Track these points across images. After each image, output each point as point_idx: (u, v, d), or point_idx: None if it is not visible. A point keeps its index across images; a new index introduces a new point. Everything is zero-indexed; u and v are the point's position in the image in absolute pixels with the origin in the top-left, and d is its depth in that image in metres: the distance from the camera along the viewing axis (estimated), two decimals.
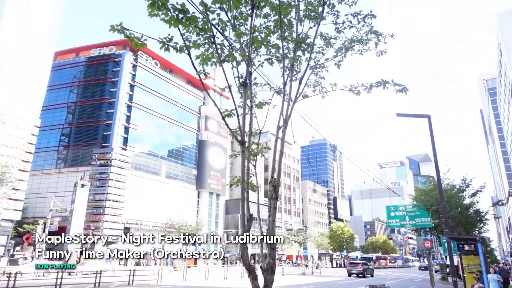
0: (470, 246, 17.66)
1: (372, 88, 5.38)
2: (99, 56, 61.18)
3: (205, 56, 5.05)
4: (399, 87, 5.32)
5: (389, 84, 5.33)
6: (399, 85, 5.33)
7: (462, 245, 17.77)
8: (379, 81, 5.40)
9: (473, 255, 18.59)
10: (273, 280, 5.31)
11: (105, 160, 52.55)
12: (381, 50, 5.62)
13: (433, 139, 22.85)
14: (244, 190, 5.34)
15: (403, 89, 5.31)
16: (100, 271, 22.47)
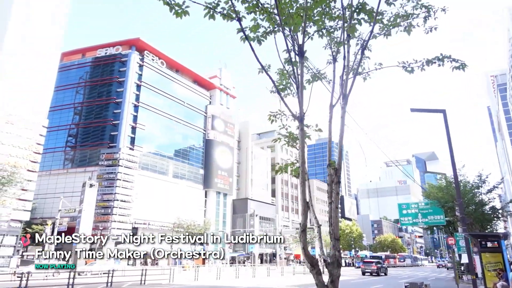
0: (493, 243, 17.13)
1: (428, 64, 4.96)
2: (105, 56, 61.12)
3: (256, 24, 4.57)
4: (457, 64, 4.91)
5: (447, 59, 4.91)
6: (457, 61, 4.92)
7: (484, 242, 17.23)
8: (436, 57, 4.98)
9: (493, 252, 18.09)
10: (339, 274, 4.89)
11: (113, 160, 52.45)
12: (431, 26, 5.22)
13: (449, 135, 22.34)
14: (304, 173, 4.91)
15: (462, 65, 4.90)
16: (113, 270, 22.21)
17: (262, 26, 4.63)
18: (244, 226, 67.45)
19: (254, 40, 4.63)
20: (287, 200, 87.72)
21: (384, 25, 5.21)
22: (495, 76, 76.95)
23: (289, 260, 69.29)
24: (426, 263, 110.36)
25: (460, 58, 5.01)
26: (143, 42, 60.63)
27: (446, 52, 5.20)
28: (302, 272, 41.00)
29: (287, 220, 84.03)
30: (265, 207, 76.10)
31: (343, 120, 4.87)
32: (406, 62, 5.17)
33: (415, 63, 5.12)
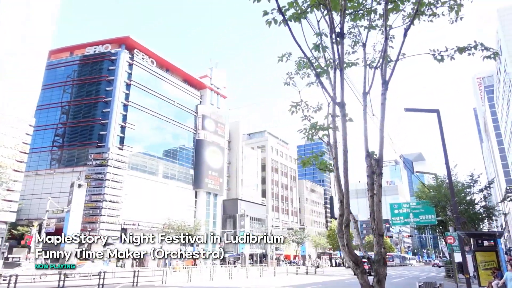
0: (490, 242, 17.22)
1: (460, 52, 4.77)
2: (94, 54, 60.09)
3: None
4: (488, 53, 4.75)
5: (479, 47, 4.73)
6: (489, 50, 4.75)
7: (480, 241, 17.32)
8: (469, 44, 4.80)
9: (489, 251, 18.19)
10: (386, 273, 4.63)
11: (102, 160, 51.57)
12: (457, 16, 5.05)
13: (442, 134, 22.42)
14: (346, 163, 4.64)
15: (495, 53, 4.73)
16: (104, 272, 21.66)
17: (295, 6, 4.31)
18: (235, 226, 67.12)
19: (291, 19, 4.34)
20: (277, 200, 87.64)
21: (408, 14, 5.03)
22: (482, 78, 78.30)
23: (279, 261, 69.20)
24: (414, 263, 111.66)
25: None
26: (133, 40, 59.81)
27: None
28: (295, 272, 40.92)
29: (277, 221, 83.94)
30: (255, 208, 75.86)
31: (384, 107, 4.65)
32: (437, 50, 5.00)
33: (445, 51, 4.94)
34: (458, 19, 5.08)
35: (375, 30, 5.33)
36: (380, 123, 4.62)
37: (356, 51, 5.67)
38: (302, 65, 5.54)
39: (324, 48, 4.73)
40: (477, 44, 4.82)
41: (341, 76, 4.59)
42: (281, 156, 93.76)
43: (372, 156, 4.68)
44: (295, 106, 5.45)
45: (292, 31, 4.18)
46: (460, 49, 4.88)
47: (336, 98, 4.70)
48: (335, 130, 4.90)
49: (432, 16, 5.14)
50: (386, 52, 4.88)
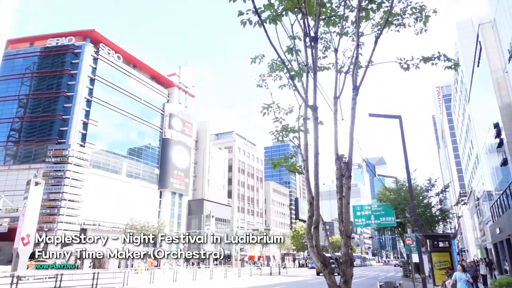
0: (444, 243, 18.14)
1: (425, 62, 4.99)
2: (56, 46, 57.45)
3: (270, 2, 4.23)
4: (450, 63, 5.01)
5: (442, 58, 4.98)
6: (450, 60, 5.01)
7: (436, 242, 18.20)
8: (433, 54, 5.04)
9: (443, 252, 19.18)
10: (352, 274, 4.69)
11: (61, 157, 49.41)
12: (422, 28, 5.30)
13: (403, 140, 23.37)
14: (317, 165, 4.67)
15: (455, 65, 5.00)
16: (61, 274, 20.71)
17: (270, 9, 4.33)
18: (200, 227, 66.44)
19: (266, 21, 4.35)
20: (243, 201, 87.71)
21: (375, 24, 5.21)
22: (441, 88, 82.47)
23: (243, 261, 69.26)
24: (374, 263, 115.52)
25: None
26: (98, 34, 57.79)
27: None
28: (259, 273, 41.10)
29: (243, 222, 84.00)
30: (221, 208, 75.49)
31: (354, 111, 4.76)
32: (403, 59, 5.21)
33: (411, 60, 5.16)
34: (423, 31, 5.34)
35: (347, 36, 5.49)
36: (350, 127, 4.75)
37: (327, 56, 5.81)
38: (275, 67, 5.59)
39: (297, 51, 4.81)
40: (440, 55, 5.10)
41: (314, 79, 4.68)
42: (248, 157, 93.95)
43: (341, 159, 4.80)
44: (267, 107, 5.48)
45: (267, 33, 4.21)
46: (425, 59, 5.13)
47: (308, 101, 4.79)
48: (306, 133, 4.98)
49: (400, 26, 5.37)
50: (357, 58, 5.04)
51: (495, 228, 32.03)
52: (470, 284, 12.40)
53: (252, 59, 5.07)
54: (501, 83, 27.38)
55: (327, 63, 5.74)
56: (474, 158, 43.75)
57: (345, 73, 5.40)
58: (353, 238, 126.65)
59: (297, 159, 5.36)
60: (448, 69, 5.14)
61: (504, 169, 26.95)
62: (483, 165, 37.67)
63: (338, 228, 37.94)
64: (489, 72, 28.74)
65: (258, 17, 4.24)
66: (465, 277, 12.04)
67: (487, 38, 29.57)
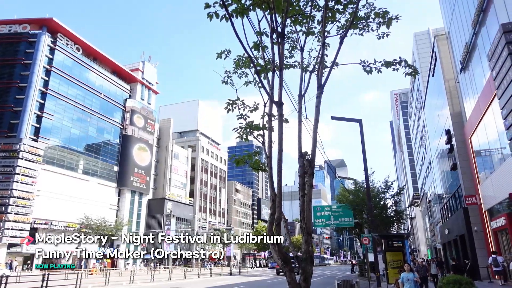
0: (398, 242, 18.94)
1: (387, 66, 5.13)
2: (8, 34, 53.89)
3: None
4: (410, 70, 5.18)
5: (403, 64, 5.14)
6: (411, 67, 5.18)
7: (390, 242, 18.96)
8: (394, 59, 5.19)
9: (397, 251, 20.03)
10: (312, 271, 4.66)
11: (11, 152, 46.43)
12: (384, 32, 5.45)
13: (363, 142, 24.21)
14: (280, 162, 4.60)
15: (414, 71, 5.18)
16: (6, 277, 19.41)
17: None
18: (160, 227, 65.04)
19: (233, 15, 4.24)
20: (205, 201, 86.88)
21: (340, 27, 5.31)
22: (399, 94, 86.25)
23: (204, 262, 68.57)
24: (332, 263, 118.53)
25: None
26: (56, 23, 54.92)
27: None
28: (219, 273, 40.85)
29: (204, 221, 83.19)
30: (182, 208, 74.33)
31: (318, 109, 4.79)
32: (366, 62, 5.32)
33: (374, 63, 5.29)
34: (385, 35, 5.51)
35: (313, 36, 5.55)
36: (314, 125, 4.80)
37: (293, 56, 5.84)
38: (241, 64, 5.54)
39: (264, 47, 4.78)
40: (401, 60, 5.29)
41: (280, 76, 4.68)
42: (211, 157, 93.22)
43: (305, 157, 4.82)
44: (231, 104, 5.41)
45: (234, 27, 4.15)
46: (387, 63, 5.30)
47: (273, 97, 4.77)
48: (271, 130, 4.96)
49: (363, 30, 5.51)
50: (323, 57, 5.11)
51: (444, 229, 33.94)
52: (418, 284, 11.76)
53: (218, 54, 4.99)
54: (453, 92, 29.08)
55: (293, 61, 5.78)
56: (427, 162, 46.19)
57: (310, 72, 5.46)
58: (313, 238, 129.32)
59: (261, 158, 5.33)
60: (408, 76, 5.34)
61: (454, 173, 28.63)
62: (435, 169, 39.85)
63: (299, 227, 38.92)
64: (442, 81, 30.43)
65: (225, 10, 4.15)
66: (413, 277, 11.38)
67: (442, 49, 31.30)
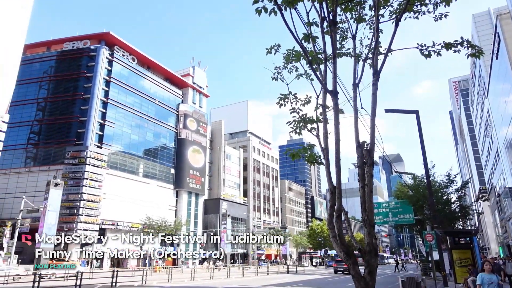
0: (466, 239, 17.70)
1: (447, 49, 4.83)
2: (72, 50, 58.58)
3: None
4: (473, 51, 4.82)
5: (465, 44, 4.79)
6: (474, 47, 4.83)
7: (457, 239, 17.77)
8: (455, 40, 4.87)
9: (465, 248, 18.69)
10: (377, 264, 4.59)
11: (79, 159, 50.33)
12: (442, 13, 5.13)
13: (421, 135, 22.92)
14: (338, 152, 4.58)
15: (478, 51, 4.83)
16: (81, 273, 21.11)
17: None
18: (216, 226, 66.78)
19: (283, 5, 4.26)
20: (258, 200, 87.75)
21: (395, 10, 5.07)
22: (458, 82, 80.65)
23: (260, 260, 69.29)
24: (392, 261, 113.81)
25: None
26: (113, 36, 58.65)
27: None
28: (276, 271, 41.03)
29: (258, 220, 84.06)
30: (237, 207, 75.71)
31: (375, 97, 4.65)
32: (424, 45, 5.05)
33: (432, 46, 5.00)
34: (443, 16, 5.16)
35: (364, 22, 5.37)
36: (371, 113, 4.64)
37: (344, 46, 5.70)
38: (291, 58, 5.51)
39: (314, 38, 4.72)
40: (463, 40, 4.91)
41: (334, 64, 4.58)
42: (263, 156, 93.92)
43: (363, 146, 4.69)
44: (283, 98, 5.40)
45: (285, 18, 4.14)
46: (447, 45, 4.96)
47: (327, 87, 4.69)
48: (326, 121, 4.88)
49: (418, 13, 5.21)
50: (377, 42, 4.91)
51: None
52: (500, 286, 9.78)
53: (268, 50, 5.00)
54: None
55: (344, 50, 5.63)
56: (494, 153, 42.61)
57: (364, 60, 5.28)
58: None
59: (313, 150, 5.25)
60: (471, 57, 4.95)
61: None
62: (504, 161, 36.63)
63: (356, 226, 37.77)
64: (508, 64, 27.92)
65: (274, 3, 4.16)
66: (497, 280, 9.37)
67: (506, 29, 28.73)
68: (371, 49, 5.09)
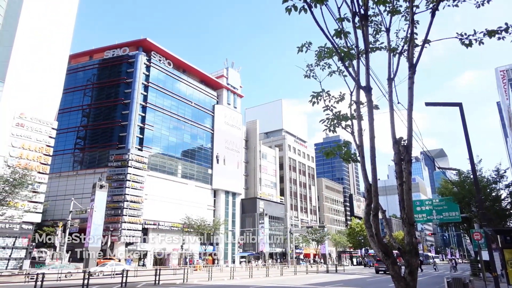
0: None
1: (490, 36, 4.54)
2: (112, 58, 61.20)
3: None
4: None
5: (510, 30, 4.48)
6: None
7: (509, 237, 16.67)
8: (499, 27, 4.57)
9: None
10: (418, 264, 4.46)
11: (122, 161, 52.46)
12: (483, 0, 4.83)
13: (465, 128, 21.69)
14: (373, 149, 4.50)
15: None
16: (126, 271, 22.03)
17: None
18: (254, 225, 67.20)
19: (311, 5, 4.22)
20: (295, 199, 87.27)
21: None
22: (506, 71, 75.77)
23: (299, 259, 68.88)
24: (438, 261, 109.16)
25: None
26: (149, 42, 60.62)
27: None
28: (315, 271, 40.58)
29: (296, 219, 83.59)
30: (274, 206, 75.76)
31: (411, 91, 4.50)
32: (464, 34, 4.79)
33: (473, 35, 4.72)
34: (485, 2, 4.85)
35: (399, 14, 5.17)
36: (408, 108, 4.47)
37: (378, 39, 5.52)
38: (323, 55, 5.43)
39: (346, 34, 4.61)
40: (508, 26, 4.58)
41: (366, 59, 4.45)
42: (298, 155, 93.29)
43: (400, 143, 4.52)
44: (316, 96, 5.32)
45: (314, 15, 4.08)
46: (490, 32, 4.65)
47: (360, 83, 4.57)
48: (360, 117, 4.76)
49: (458, 0, 4.93)
50: (413, 34, 4.71)
51: None
52: None
53: (299, 48, 4.96)
54: None
55: (378, 44, 5.44)
56: None
57: (399, 53, 5.09)
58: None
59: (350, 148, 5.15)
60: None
61: None
62: None
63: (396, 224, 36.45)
64: None
65: (303, 1, 4.11)
66: None
67: None
68: (406, 41, 4.89)
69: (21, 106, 41.36)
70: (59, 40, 47.10)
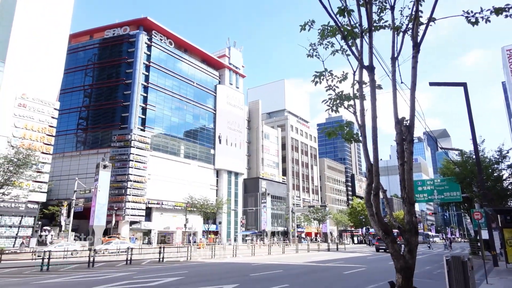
0: None
1: (497, 14, 4.44)
2: (113, 37, 60.46)
3: None
4: None
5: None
6: None
7: (509, 217, 16.88)
8: (507, 4, 4.47)
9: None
10: (417, 243, 4.54)
11: (125, 141, 52.65)
12: None
13: (469, 108, 21.61)
14: (375, 130, 4.51)
15: None
16: (131, 249, 22.48)
17: None
18: (256, 205, 67.93)
19: None
20: (297, 179, 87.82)
21: None
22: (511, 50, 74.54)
23: (300, 238, 69.93)
24: (438, 240, 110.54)
25: None
26: (150, 21, 59.71)
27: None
28: (317, 249, 41.26)
29: (298, 199, 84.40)
30: (276, 186, 76.34)
31: (415, 70, 4.45)
32: (471, 12, 4.68)
33: (480, 12, 4.61)
34: None
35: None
36: (411, 88, 4.42)
37: (382, 18, 5.42)
38: (326, 33, 5.33)
39: (349, 12, 4.51)
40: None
41: (370, 38, 4.37)
42: (301, 135, 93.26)
43: (402, 123, 4.51)
44: (318, 76, 5.26)
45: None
46: (497, 10, 4.54)
47: (363, 62, 4.51)
48: (362, 97, 4.72)
49: None
50: (417, 12, 4.60)
51: None
52: None
53: (301, 26, 4.87)
54: None
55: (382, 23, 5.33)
56: None
57: (403, 32, 5.00)
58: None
59: (352, 129, 5.14)
60: None
61: None
62: None
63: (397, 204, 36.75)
64: None
65: None
66: None
67: None
68: (411, 19, 4.79)
69: (23, 87, 41.23)
70: (59, 19, 46.46)
